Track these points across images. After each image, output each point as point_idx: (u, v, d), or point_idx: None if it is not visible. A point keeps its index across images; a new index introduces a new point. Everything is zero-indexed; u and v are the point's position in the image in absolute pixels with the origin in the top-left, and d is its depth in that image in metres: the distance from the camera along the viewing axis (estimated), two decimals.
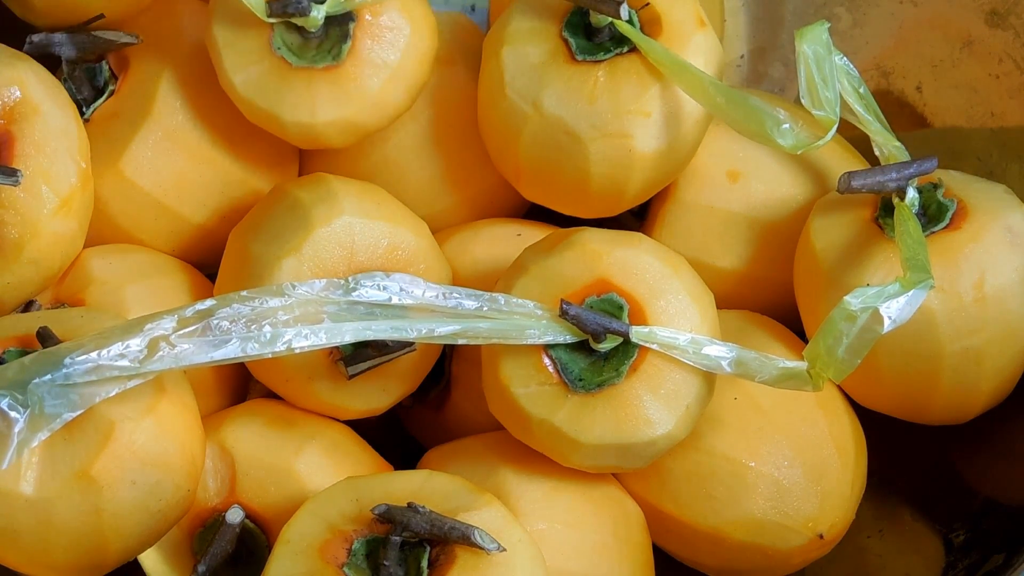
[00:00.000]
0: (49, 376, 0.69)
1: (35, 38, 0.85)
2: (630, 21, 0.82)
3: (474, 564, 0.68)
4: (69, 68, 0.86)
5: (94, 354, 0.69)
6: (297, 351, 0.71)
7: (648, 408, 0.76)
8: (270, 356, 0.71)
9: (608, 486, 0.81)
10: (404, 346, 0.78)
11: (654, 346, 0.76)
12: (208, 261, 0.86)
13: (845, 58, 0.84)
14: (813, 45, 0.82)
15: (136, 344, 0.70)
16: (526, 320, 0.75)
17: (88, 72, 0.87)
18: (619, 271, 0.77)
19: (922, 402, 0.83)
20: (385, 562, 0.69)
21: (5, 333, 0.74)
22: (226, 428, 0.80)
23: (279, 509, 0.77)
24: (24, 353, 0.72)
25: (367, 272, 0.76)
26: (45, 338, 0.71)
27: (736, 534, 0.81)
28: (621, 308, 0.77)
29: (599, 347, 0.76)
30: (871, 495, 0.85)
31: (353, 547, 0.70)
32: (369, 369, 0.79)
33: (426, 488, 0.72)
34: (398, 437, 0.92)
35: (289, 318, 0.72)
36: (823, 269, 0.82)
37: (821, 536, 0.81)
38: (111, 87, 0.87)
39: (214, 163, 0.87)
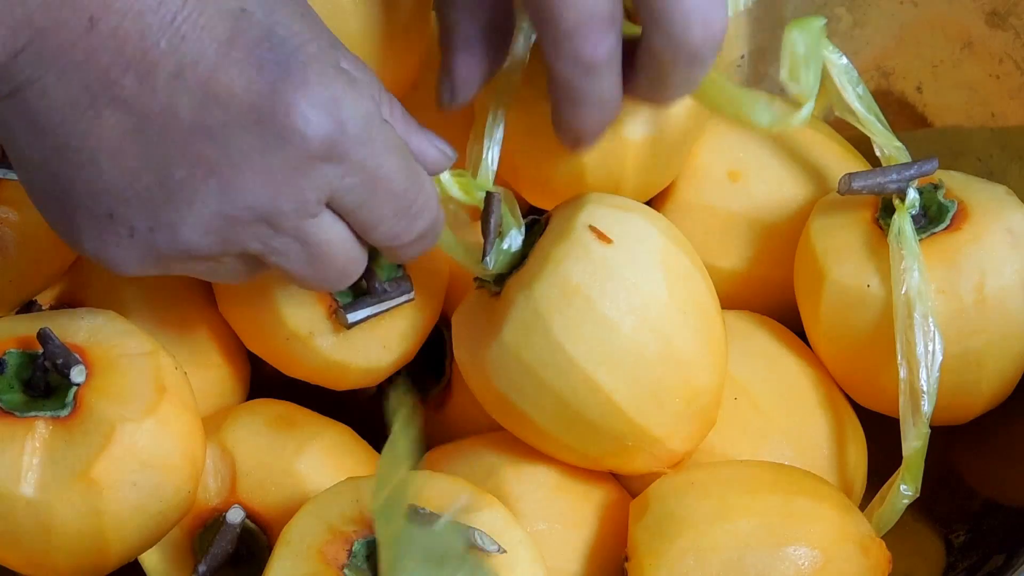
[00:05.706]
0: None
1: None
2: None
3: None
4: None
5: None
6: None
7: None
8: None
9: (608, 486, 0.81)
10: (403, 293, 0.79)
11: None
12: None
13: (845, 57, 0.84)
14: (803, 32, 0.81)
15: None
16: None
17: None
18: None
19: None
20: None
21: (5, 334, 0.74)
22: (227, 428, 0.80)
23: (280, 509, 0.77)
24: (24, 354, 0.72)
25: None
26: (46, 339, 0.71)
27: None
28: None
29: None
30: (871, 495, 0.85)
31: (353, 548, 0.70)
32: (369, 317, 0.79)
33: (426, 489, 0.72)
34: None
35: None
36: (823, 270, 0.82)
37: None
38: None
39: None
